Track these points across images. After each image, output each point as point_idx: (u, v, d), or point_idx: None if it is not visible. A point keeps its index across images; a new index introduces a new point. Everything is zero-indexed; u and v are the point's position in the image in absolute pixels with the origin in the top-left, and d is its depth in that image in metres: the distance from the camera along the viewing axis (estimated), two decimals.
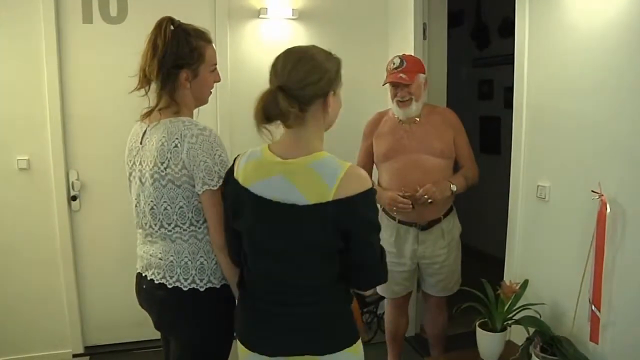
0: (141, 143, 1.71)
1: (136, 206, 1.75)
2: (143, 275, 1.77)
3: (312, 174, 1.39)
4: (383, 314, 3.05)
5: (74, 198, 3.18)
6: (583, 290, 1.98)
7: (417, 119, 2.60)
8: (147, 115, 1.70)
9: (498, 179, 2.86)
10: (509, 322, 2.18)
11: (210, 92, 1.80)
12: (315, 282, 1.48)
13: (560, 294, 2.18)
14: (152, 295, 1.72)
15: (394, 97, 2.57)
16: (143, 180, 1.69)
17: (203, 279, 1.67)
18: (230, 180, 1.53)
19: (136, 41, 1.70)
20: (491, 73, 4.95)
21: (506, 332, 2.17)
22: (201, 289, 1.67)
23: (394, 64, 2.54)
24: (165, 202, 1.64)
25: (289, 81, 1.38)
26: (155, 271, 1.71)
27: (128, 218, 1.89)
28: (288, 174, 1.41)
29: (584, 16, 2.01)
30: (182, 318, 1.70)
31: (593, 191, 1.91)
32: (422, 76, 2.58)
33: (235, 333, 1.63)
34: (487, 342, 2.17)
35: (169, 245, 1.68)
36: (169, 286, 1.67)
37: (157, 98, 1.67)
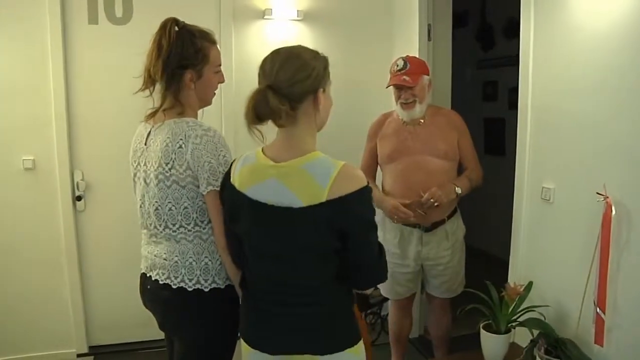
0: (145, 144, 1.71)
1: (141, 207, 1.76)
2: (147, 275, 1.77)
3: (305, 176, 1.39)
4: (387, 315, 3.05)
5: (79, 198, 3.19)
6: (588, 292, 1.97)
7: (422, 121, 2.59)
8: (152, 115, 1.71)
9: (502, 181, 2.86)
10: (513, 324, 2.17)
11: (214, 93, 1.80)
12: (314, 283, 1.48)
13: (564, 296, 2.17)
14: (157, 295, 1.73)
15: (398, 99, 2.57)
16: (148, 181, 1.70)
17: (207, 280, 1.67)
18: (227, 185, 1.53)
19: (141, 42, 1.71)
20: (496, 74, 4.95)
21: (510, 334, 2.17)
22: (206, 289, 1.67)
23: (398, 66, 2.54)
24: (169, 203, 1.65)
25: (278, 80, 1.38)
26: (159, 271, 1.71)
27: (132, 218, 1.89)
28: (281, 177, 1.41)
29: (589, 17, 2.00)
30: (187, 318, 1.70)
31: (598, 193, 1.90)
32: (426, 78, 2.57)
33: (238, 331, 1.64)
34: (491, 344, 2.16)
35: (174, 245, 1.68)
36: (174, 286, 1.67)
37: (162, 98, 1.67)
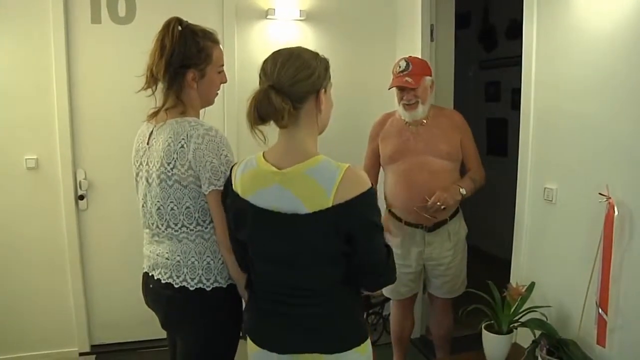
0: (148, 143, 1.72)
1: (143, 206, 1.76)
2: (150, 274, 1.77)
3: (309, 181, 1.38)
4: (388, 316, 3.05)
5: (82, 197, 3.20)
6: (590, 293, 1.97)
7: (424, 121, 2.59)
8: (154, 115, 1.71)
9: (505, 181, 2.86)
10: (515, 325, 2.17)
11: (216, 93, 1.80)
12: (322, 285, 1.47)
13: (567, 297, 2.17)
14: (159, 294, 1.73)
15: (400, 100, 2.57)
16: (150, 180, 1.70)
17: (210, 279, 1.67)
18: (229, 192, 1.52)
19: (144, 41, 1.71)
20: (498, 75, 4.94)
21: (512, 335, 2.17)
22: (208, 289, 1.67)
23: (400, 67, 2.53)
24: (171, 203, 1.65)
25: (280, 79, 1.37)
26: (162, 271, 1.71)
27: (135, 217, 1.90)
28: (285, 183, 1.40)
29: (592, 18, 2.00)
30: (189, 317, 1.70)
31: (600, 194, 1.90)
32: (429, 79, 2.57)
33: (244, 330, 1.64)
34: (493, 345, 2.16)
35: (176, 245, 1.69)
36: (176, 286, 1.67)
37: (164, 98, 1.68)
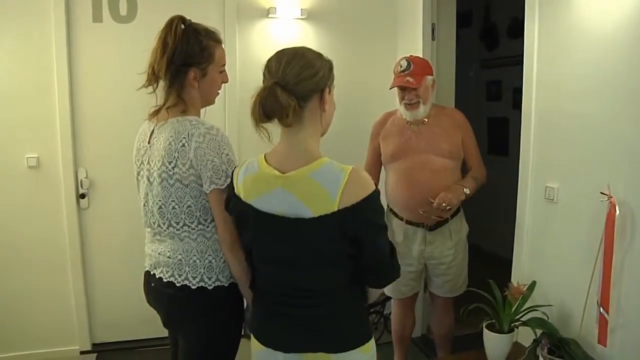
0: (149, 142, 1.72)
1: (144, 205, 1.76)
2: (151, 273, 1.77)
3: (314, 185, 1.37)
4: (389, 314, 3.05)
5: (83, 196, 3.20)
6: (591, 292, 1.97)
7: (426, 120, 2.59)
8: (155, 114, 1.71)
9: (506, 180, 2.85)
10: (516, 324, 2.17)
11: (217, 93, 1.80)
12: (327, 287, 1.47)
13: (568, 296, 2.17)
14: (161, 293, 1.73)
15: (402, 100, 2.57)
16: (151, 179, 1.70)
17: (211, 277, 1.68)
18: (232, 196, 1.52)
19: (146, 40, 1.71)
20: (500, 74, 4.94)
21: (513, 334, 2.17)
22: (209, 287, 1.67)
23: (401, 67, 2.53)
24: (173, 202, 1.65)
25: (285, 77, 1.37)
26: (163, 269, 1.71)
27: (136, 216, 1.90)
28: (289, 187, 1.39)
29: (594, 17, 2.00)
30: (191, 316, 1.70)
31: (602, 193, 1.90)
32: (430, 78, 2.57)
33: (249, 329, 1.64)
34: (494, 344, 2.16)
35: (178, 243, 1.69)
36: (178, 284, 1.67)
37: (165, 96, 1.67)
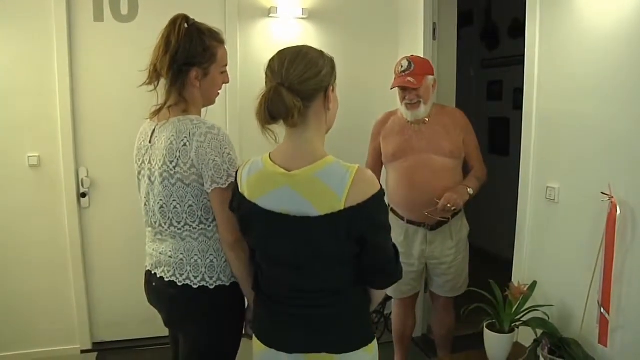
0: (150, 142, 1.72)
1: (145, 205, 1.76)
2: (152, 272, 1.77)
3: (319, 184, 1.36)
4: (390, 314, 3.05)
5: (84, 195, 3.20)
6: (592, 292, 1.97)
7: (426, 120, 2.59)
8: (156, 113, 1.71)
9: (507, 180, 2.85)
10: (517, 324, 2.17)
11: (218, 93, 1.80)
12: (331, 287, 1.46)
13: (568, 296, 2.17)
14: (162, 292, 1.73)
15: (403, 100, 2.57)
16: (152, 179, 1.70)
17: (213, 277, 1.68)
18: (236, 195, 1.51)
19: (147, 39, 1.71)
20: (501, 74, 4.93)
21: (514, 334, 2.17)
22: (211, 287, 1.67)
23: (402, 67, 2.53)
24: (174, 201, 1.65)
25: (289, 77, 1.35)
26: (165, 269, 1.71)
27: (137, 215, 1.90)
28: (295, 186, 1.38)
29: (596, 16, 2.00)
30: (192, 315, 1.70)
31: (603, 193, 1.90)
32: (431, 78, 2.57)
33: (250, 328, 1.63)
34: (495, 344, 2.16)
35: (179, 243, 1.69)
36: (179, 284, 1.67)
37: (166, 95, 1.67)
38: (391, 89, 2.61)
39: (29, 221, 3.10)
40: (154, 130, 1.71)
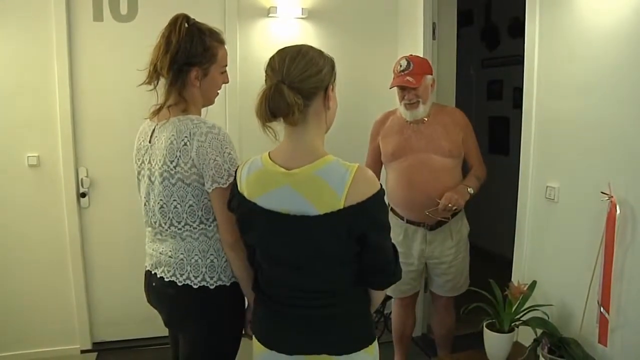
0: (150, 141, 1.71)
1: (145, 205, 1.76)
2: (152, 272, 1.77)
3: (320, 183, 1.36)
4: (390, 314, 3.05)
5: (83, 195, 3.20)
6: (592, 292, 1.97)
7: (425, 119, 2.59)
8: (156, 113, 1.70)
9: (506, 180, 2.85)
10: (517, 323, 2.17)
11: (217, 93, 1.80)
12: (332, 287, 1.46)
13: (568, 296, 2.17)
14: (162, 292, 1.73)
15: (402, 100, 2.57)
16: (152, 179, 1.69)
17: (213, 277, 1.67)
18: (235, 194, 1.51)
19: (146, 39, 1.71)
20: (500, 73, 4.93)
21: (514, 333, 2.17)
22: (211, 287, 1.67)
23: (401, 67, 2.53)
24: (175, 201, 1.65)
25: (289, 75, 1.35)
26: (165, 269, 1.71)
27: (137, 215, 1.90)
28: (295, 185, 1.37)
29: (595, 16, 2.00)
30: (192, 315, 1.70)
31: (603, 192, 1.90)
32: (429, 77, 2.57)
33: (251, 331, 1.63)
34: (495, 343, 2.16)
35: (179, 243, 1.69)
36: (179, 284, 1.67)
37: (166, 94, 1.67)
38: (390, 89, 2.61)
39: (29, 221, 3.10)
40: (154, 130, 1.71)
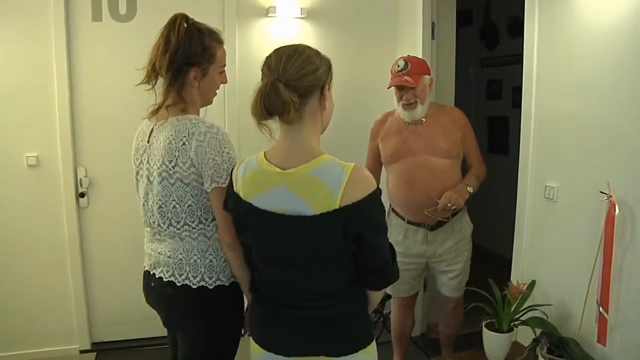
0: (148, 141, 1.71)
1: (144, 205, 1.75)
2: (151, 273, 1.77)
3: (316, 182, 1.35)
4: (389, 314, 3.05)
5: (82, 195, 3.20)
6: (591, 291, 1.97)
7: (424, 120, 2.59)
8: (155, 112, 1.70)
9: (506, 179, 2.85)
10: (516, 323, 2.17)
11: (216, 93, 1.80)
12: (329, 288, 1.46)
13: (567, 295, 2.17)
14: (161, 293, 1.73)
15: (400, 100, 2.56)
16: (151, 178, 1.69)
17: (212, 277, 1.67)
18: (231, 193, 1.50)
19: (145, 39, 1.71)
20: (500, 73, 4.93)
21: (513, 333, 2.17)
22: (210, 287, 1.67)
23: (399, 67, 2.53)
24: (173, 201, 1.65)
25: (286, 73, 1.34)
26: (164, 269, 1.71)
27: (136, 215, 1.89)
28: (290, 185, 1.37)
29: (593, 16, 2.00)
30: (191, 315, 1.70)
31: (602, 192, 1.90)
32: (427, 77, 2.57)
33: (249, 332, 1.62)
34: (494, 343, 2.16)
35: (178, 243, 1.68)
36: (178, 284, 1.67)
37: (165, 94, 1.67)
38: (388, 88, 2.60)
39: (28, 221, 3.09)
40: (152, 130, 1.70)
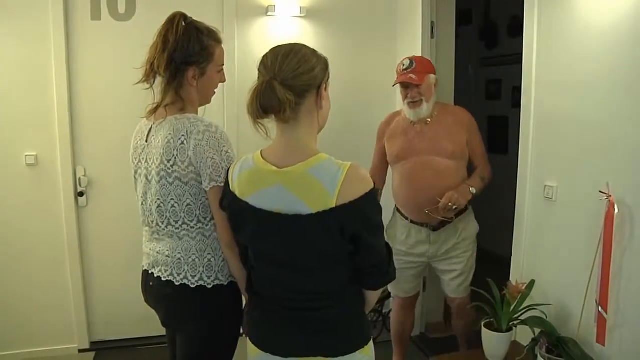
0: (147, 141, 1.71)
1: (142, 204, 1.75)
2: (150, 272, 1.77)
3: (312, 181, 1.35)
4: (388, 313, 3.05)
5: (81, 194, 3.20)
6: (590, 291, 1.97)
7: (429, 120, 2.59)
8: (153, 112, 1.70)
9: (505, 179, 2.85)
10: (515, 323, 2.17)
11: (214, 92, 1.79)
12: (326, 287, 1.45)
13: (566, 295, 2.17)
14: (160, 292, 1.72)
15: (405, 98, 2.56)
16: (149, 178, 1.69)
17: (211, 276, 1.67)
18: (227, 192, 1.50)
19: (144, 38, 1.70)
20: (499, 72, 4.93)
21: (512, 333, 2.17)
22: (209, 286, 1.67)
23: (404, 65, 2.53)
24: (172, 200, 1.64)
25: (282, 72, 1.34)
26: (162, 268, 1.70)
27: (135, 214, 1.89)
28: (287, 183, 1.36)
29: (594, 15, 1.99)
30: (189, 315, 1.70)
31: (601, 191, 1.89)
32: (433, 77, 2.57)
33: (246, 333, 1.62)
34: (493, 342, 2.16)
35: (177, 242, 1.68)
36: (177, 283, 1.67)
37: (163, 93, 1.67)
38: (393, 86, 2.61)
39: (27, 221, 3.09)
40: (150, 129, 1.70)
